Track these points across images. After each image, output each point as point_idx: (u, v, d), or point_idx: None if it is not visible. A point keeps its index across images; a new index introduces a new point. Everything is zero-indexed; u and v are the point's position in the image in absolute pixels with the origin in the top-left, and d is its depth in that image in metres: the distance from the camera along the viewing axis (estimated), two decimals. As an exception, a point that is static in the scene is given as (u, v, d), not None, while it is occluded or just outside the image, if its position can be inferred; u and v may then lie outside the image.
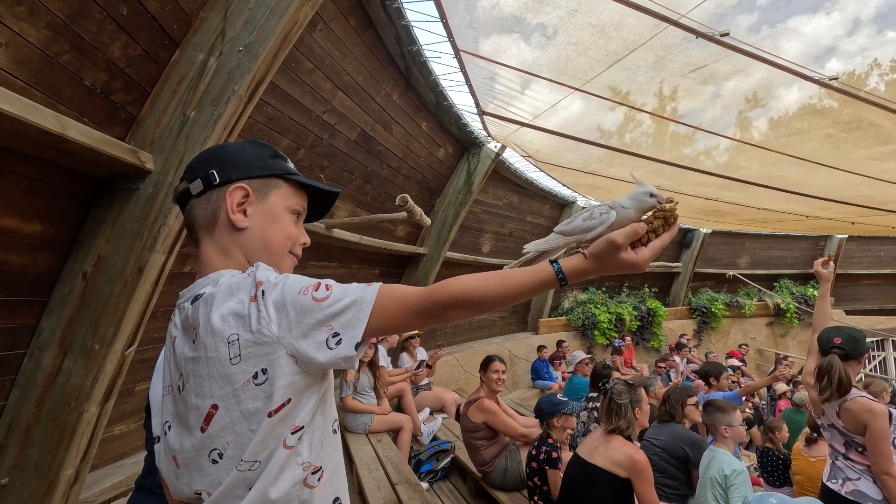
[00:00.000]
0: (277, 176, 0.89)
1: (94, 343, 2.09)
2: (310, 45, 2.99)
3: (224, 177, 0.85)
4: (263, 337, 0.71)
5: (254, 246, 0.86)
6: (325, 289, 0.75)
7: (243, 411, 0.72)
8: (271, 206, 0.88)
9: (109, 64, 1.91)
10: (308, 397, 0.76)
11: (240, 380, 0.71)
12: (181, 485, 0.78)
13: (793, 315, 11.61)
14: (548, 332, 9.40)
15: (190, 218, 0.87)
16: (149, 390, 0.91)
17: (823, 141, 4.12)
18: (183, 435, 0.77)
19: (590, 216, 0.93)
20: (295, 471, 0.75)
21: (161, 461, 0.82)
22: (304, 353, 0.71)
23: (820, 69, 3.44)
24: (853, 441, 2.20)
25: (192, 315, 0.76)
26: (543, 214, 8.43)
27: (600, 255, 0.83)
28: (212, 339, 0.72)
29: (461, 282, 0.79)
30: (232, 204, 0.84)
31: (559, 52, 3.54)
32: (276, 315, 0.71)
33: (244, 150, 0.89)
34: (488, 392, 3.35)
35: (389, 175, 4.66)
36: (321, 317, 0.72)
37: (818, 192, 5.65)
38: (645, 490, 2.28)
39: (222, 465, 0.73)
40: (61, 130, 1.62)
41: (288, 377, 0.72)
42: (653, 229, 0.87)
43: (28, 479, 2.05)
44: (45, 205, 1.94)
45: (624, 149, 5.09)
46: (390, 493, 2.62)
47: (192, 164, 0.88)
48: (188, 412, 0.76)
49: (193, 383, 0.74)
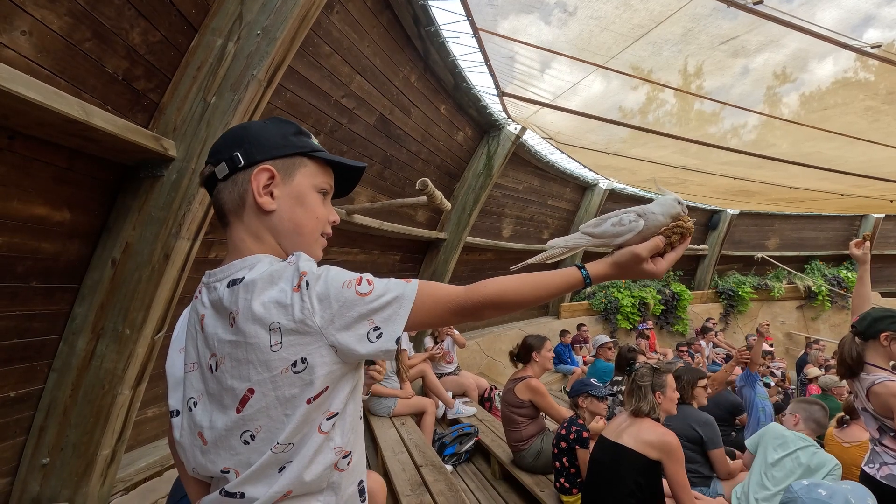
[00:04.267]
0: (302, 154, 0.87)
1: (124, 328, 2.14)
2: (327, 28, 2.96)
3: (249, 158, 0.83)
4: (306, 327, 0.72)
5: (284, 229, 0.85)
6: (367, 283, 0.76)
7: (279, 397, 0.74)
8: (298, 187, 0.86)
9: (130, 51, 1.92)
10: (343, 386, 0.79)
11: (278, 367, 0.73)
12: (206, 461, 0.79)
13: (825, 298, 11.25)
14: (570, 316, 9.33)
15: (218, 202, 0.87)
16: (166, 365, 0.90)
17: (862, 114, 3.92)
18: (215, 413, 0.78)
19: (619, 222, 0.98)
20: (328, 455, 0.78)
21: (183, 436, 0.83)
22: (345, 344, 0.74)
23: (858, 38, 3.25)
24: (885, 426, 2.13)
25: (228, 299, 0.77)
26: (565, 198, 8.30)
27: (624, 265, 0.93)
28: (252, 325, 0.73)
29: (498, 284, 0.83)
30: (258, 187, 0.83)
31: (581, 27, 3.43)
32: (320, 307, 0.73)
33: (267, 130, 0.87)
34: (538, 371, 3.39)
35: (409, 159, 4.63)
36: (364, 311, 0.75)
37: (855, 169, 5.40)
38: (676, 470, 2.25)
39: (254, 446, 0.75)
40: (86, 118, 1.63)
41: (327, 366, 0.74)
42: (669, 243, 0.96)
43: (67, 458, 2.13)
44: (73, 193, 1.98)
45: (648, 128, 4.94)
46: (415, 476, 2.64)
47: (216, 147, 0.87)
48: (223, 392, 0.77)
49: (230, 366, 0.76)
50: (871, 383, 2.12)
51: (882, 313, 2.22)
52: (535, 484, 2.99)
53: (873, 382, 2.11)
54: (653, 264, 0.93)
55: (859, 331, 2.24)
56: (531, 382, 3.24)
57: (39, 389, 2.12)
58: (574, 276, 0.88)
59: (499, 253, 7.52)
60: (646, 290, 9.89)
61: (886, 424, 2.11)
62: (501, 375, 7.04)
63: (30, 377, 2.06)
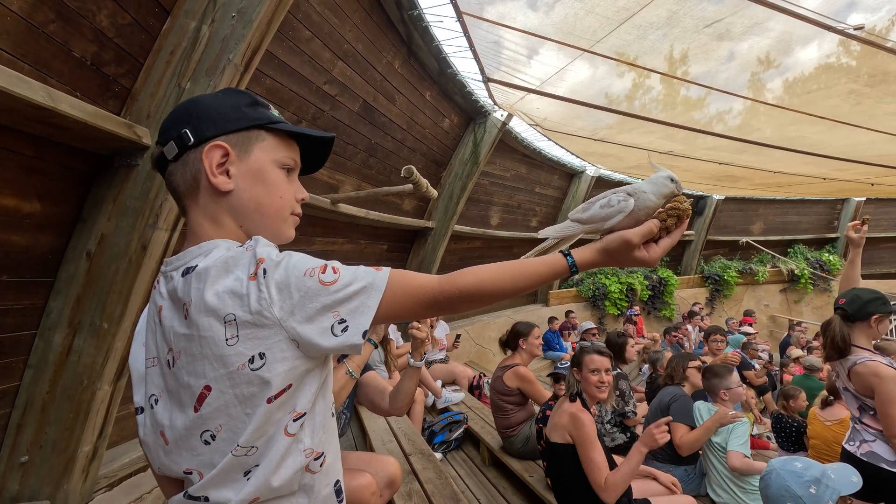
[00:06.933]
0: (259, 126, 0.79)
1: (102, 322, 2.08)
2: (306, 11, 2.88)
3: (198, 135, 0.76)
4: (263, 319, 0.66)
5: (244, 210, 0.78)
6: (332, 272, 0.69)
7: (237, 395, 0.68)
8: (256, 163, 0.78)
9: (98, 34, 1.84)
10: (309, 382, 0.73)
11: (234, 363, 0.67)
12: (169, 461, 0.75)
13: (807, 281, 11.46)
14: (558, 303, 9.39)
15: (171, 186, 0.80)
16: (129, 358, 0.86)
17: (845, 97, 3.95)
18: (174, 411, 0.73)
19: (607, 203, 0.90)
20: (297, 458, 0.73)
21: (147, 434, 0.79)
22: (307, 337, 0.68)
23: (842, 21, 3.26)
24: (865, 405, 2.16)
25: (182, 289, 0.71)
26: (552, 185, 8.30)
27: (613, 251, 0.84)
28: (205, 317, 0.67)
29: (476, 274, 0.76)
30: (211, 165, 0.75)
31: (566, 10, 3.39)
32: (279, 297, 0.66)
33: (218, 102, 0.79)
34: (526, 358, 3.39)
35: (394, 147, 4.57)
36: (328, 301, 0.68)
37: (838, 153, 5.46)
38: (584, 450, 2.20)
39: (215, 446, 0.70)
40: (52, 104, 1.57)
41: (288, 362, 0.68)
42: (665, 227, 0.87)
43: (47, 455, 2.08)
44: (43, 183, 1.91)
45: (634, 113, 4.93)
46: (404, 464, 2.64)
47: (163, 125, 0.79)
48: (180, 389, 0.72)
49: (185, 361, 0.70)
50: (852, 363, 2.15)
51: (871, 295, 2.22)
52: (524, 469, 3.01)
53: (855, 363, 2.14)
54: (645, 251, 0.85)
55: (848, 313, 2.21)
56: (519, 370, 3.24)
57: (15, 386, 2.06)
58: (559, 264, 0.81)
59: (487, 241, 7.51)
60: (633, 276, 9.98)
61: (867, 403, 2.15)
62: (491, 363, 7.06)
63: (5, 374, 2.00)
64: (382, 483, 1.98)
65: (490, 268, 0.77)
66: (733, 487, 2.67)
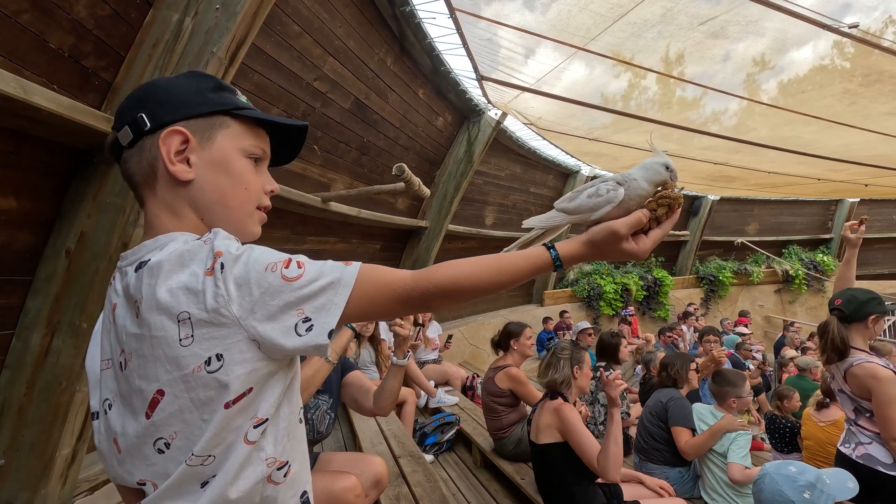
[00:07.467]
0: (223, 112, 0.74)
1: (82, 322, 2.02)
2: (295, 6, 2.83)
3: (155, 120, 0.70)
4: (220, 318, 0.61)
5: (206, 202, 0.73)
6: (297, 266, 0.64)
7: (193, 399, 0.63)
8: (220, 151, 0.73)
9: (76, 25, 1.79)
10: (272, 386, 0.67)
11: (189, 364, 0.62)
12: (122, 471, 0.69)
13: (802, 281, 11.49)
14: (553, 303, 9.36)
15: (126, 174, 0.74)
16: (85, 359, 0.81)
17: (840, 97, 3.93)
18: (126, 418, 0.68)
19: (595, 193, 0.84)
20: (258, 468, 0.67)
21: (101, 441, 0.73)
22: (268, 337, 0.62)
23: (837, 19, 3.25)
24: (861, 407, 2.13)
25: (134, 285, 0.66)
26: (547, 185, 8.27)
27: (600, 244, 0.79)
28: (157, 315, 0.62)
29: (452, 269, 0.71)
30: (168, 153, 0.70)
31: (559, 8, 3.35)
32: (238, 293, 0.61)
33: (179, 85, 0.73)
34: (518, 359, 3.34)
35: (387, 146, 4.52)
36: (291, 299, 0.63)
37: (832, 153, 5.45)
38: (576, 442, 2.19)
39: (169, 455, 0.65)
40: (24, 96, 1.51)
41: (248, 364, 0.63)
42: (655, 217, 0.81)
43: (24, 459, 2.02)
44: (21, 178, 1.85)
45: (630, 112, 4.90)
46: (394, 467, 2.59)
47: (119, 109, 0.74)
48: (132, 394, 0.66)
49: (137, 363, 0.65)
50: (849, 365, 2.12)
51: (867, 295, 2.19)
52: (515, 472, 2.97)
53: (851, 364, 2.11)
54: (634, 243, 0.79)
55: (846, 314, 2.18)
56: (511, 371, 3.20)
57: (-9, 388, 2.01)
58: (541, 258, 0.75)
59: (482, 241, 7.47)
60: (628, 276, 9.96)
61: (863, 405, 2.12)
62: (485, 364, 7.02)
63: (-20, 375, 1.95)
64: (368, 484, 1.94)
65: (468, 262, 0.72)
66: (729, 492, 2.64)
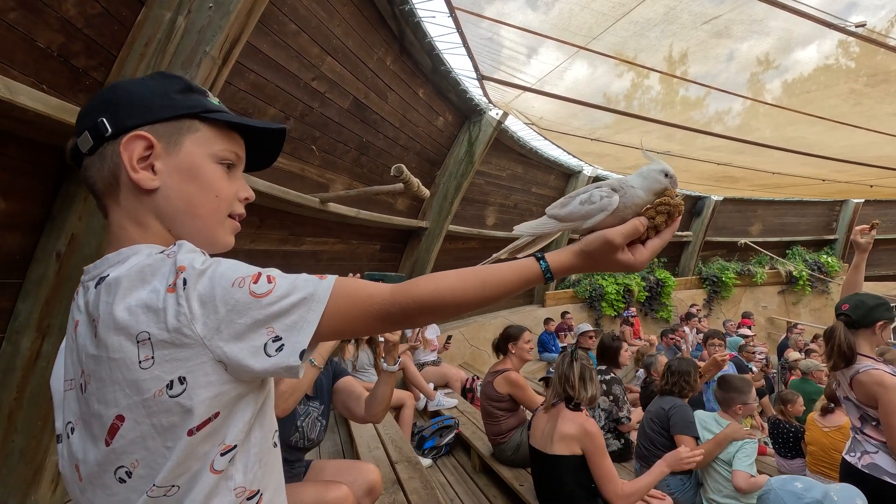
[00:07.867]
0: (191, 116, 0.69)
1: (72, 326, 1.99)
2: (292, 4, 2.79)
3: (117, 125, 0.66)
4: (183, 338, 0.57)
5: (172, 211, 0.68)
6: (266, 281, 0.60)
7: (155, 425, 0.58)
8: (188, 157, 0.69)
9: (65, 24, 1.75)
10: (242, 410, 0.63)
11: (150, 388, 0.57)
12: (83, 500, 0.65)
13: (805, 283, 11.40)
14: (555, 304, 9.31)
15: (88, 182, 0.70)
16: (50, 380, 0.77)
17: (845, 97, 3.87)
18: (87, 443, 0.63)
19: (588, 199, 0.79)
20: (225, 498, 0.63)
21: (64, 466, 0.69)
22: (235, 358, 0.58)
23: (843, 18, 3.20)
24: (867, 415, 2.08)
25: (93, 302, 0.61)
26: (549, 185, 8.21)
27: (593, 254, 0.73)
28: (114, 336, 0.58)
29: (434, 283, 0.66)
30: (131, 159, 0.66)
31: (560, 7, 3.31)
32: (202, 311, 0.57)
33: (143, 87, 0.69)
34: (517, 363, 3.29)
35: (386, 146, 4.48)
36: (260, 316, 0.59)
37: (837, 154, 5.39)
38: (598, 461, 2.14)
39: (131, 484, 0.60)
40: (9, 96, 1.48)
41: (214, 387, 0.59)
42: (654, 226, 0.75)
43: (14, 465, 1.99)
44: (9, 180, 1.82)
45: (632, 112, 4.85)
46: (389, 472, 2.56)
47: (80, 113, 0.70)
48: (91, 419, 0.62)
49: (95, 386, 0.60)
50: (855, 371, 2.07)
51: (875, 301, 2.14)
52: (514, 478, 2.93)
53: (857, 371, 2.06)
54: (630, 254, 0.73)
55: (853, 319, 2.13)
56: (510, 375, 3.15)
57: (-19, 392, 1.98)
58: (530, 270, 0.70)
59: (483, 241, 7.42)
60: (630, 277, 9.90)
61: (869, 413, 2.07)
62: (486, 365, 6.97)
63: (-31, 380, 1.92)
64: (361, 492, 1.90)
65: (450, 275, 0.67)
66: (731, 501, 2.59)
